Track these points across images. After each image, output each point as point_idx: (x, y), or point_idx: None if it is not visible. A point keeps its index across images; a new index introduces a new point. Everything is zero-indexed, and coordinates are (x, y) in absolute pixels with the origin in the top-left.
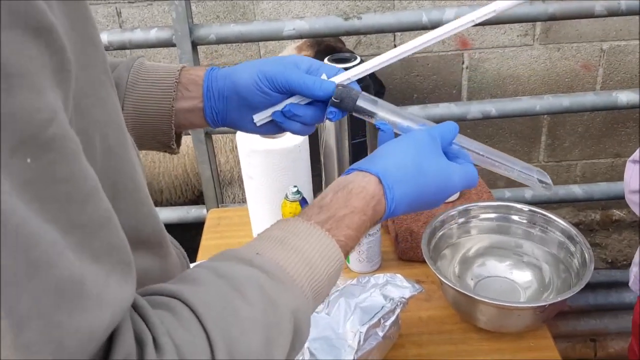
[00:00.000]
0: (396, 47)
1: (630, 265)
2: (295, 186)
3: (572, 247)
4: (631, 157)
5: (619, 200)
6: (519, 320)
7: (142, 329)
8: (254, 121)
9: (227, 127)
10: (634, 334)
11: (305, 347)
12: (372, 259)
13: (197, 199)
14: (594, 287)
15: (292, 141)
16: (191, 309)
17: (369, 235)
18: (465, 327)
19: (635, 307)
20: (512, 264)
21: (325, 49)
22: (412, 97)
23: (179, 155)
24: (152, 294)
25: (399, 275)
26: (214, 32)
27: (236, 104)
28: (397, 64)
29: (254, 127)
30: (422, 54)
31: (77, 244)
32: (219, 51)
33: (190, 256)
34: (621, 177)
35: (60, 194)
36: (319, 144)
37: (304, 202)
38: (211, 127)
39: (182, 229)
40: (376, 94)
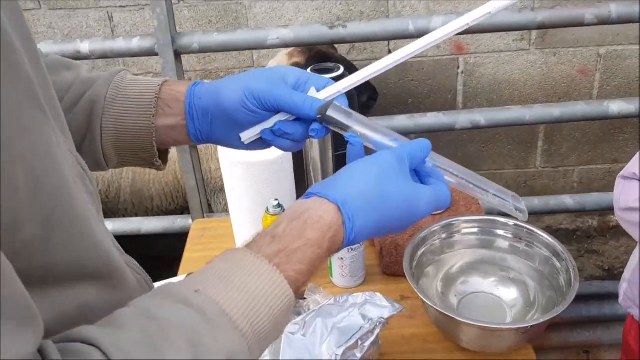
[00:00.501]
0: (390, 52)
1: None
2: (276, 199)
3: (557, 264)
4: (621, 172)
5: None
6: (501, 340)
7: None
8: (242, 140)
9: (211, 144)
10: (624, 350)
11: None
12: (355, 274)
13: (189, 206)
14: (587, 298)
15: (274, 153)
16: (107, 357)
17: (352, 249)
18: (449, 346)
19: (625, 323)
20: (497, 280)
21: (316, 54)
22: (407, 102)
23: (170, 162)
24: (68, 340)
25: (379, 294)
26: (196, 41)
27: (221, 121)
28: (391, 68)
29: (241, 144)
30: (417, 58)
31: None
32: (211, 56)
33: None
34: None
35: None
36: (303, 155)
37: None
38: (195, 144)
39: (175, 237)
40: (369, 100)
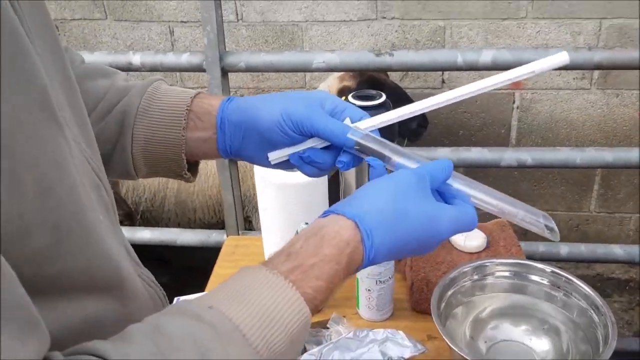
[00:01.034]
0: (444, 82)
1: None
2: (306, 223)
3: (596, 318)
4: None
5: None
6: None
7: None
8: (269, 159)
9: (240, 159)
10: None
11: None
12: (382, 307)
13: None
14: (634, 355)
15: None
16: None
17: (381, 282)
18: None
19: None
20: (529, 329)
21: (367, 79)
22: (457, 134)
23: (214, 175)
24: (76, 353)
25: (401, 332)
26: (244, 60)
27: (253, 139)
28: None
29: (267, 162)
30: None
31: None
32: (265, 75)
33: None
34: None
35: None
36: (339, 181)
37: None
38: (223, 158)
39: (214, 250)
40: (418, 127)
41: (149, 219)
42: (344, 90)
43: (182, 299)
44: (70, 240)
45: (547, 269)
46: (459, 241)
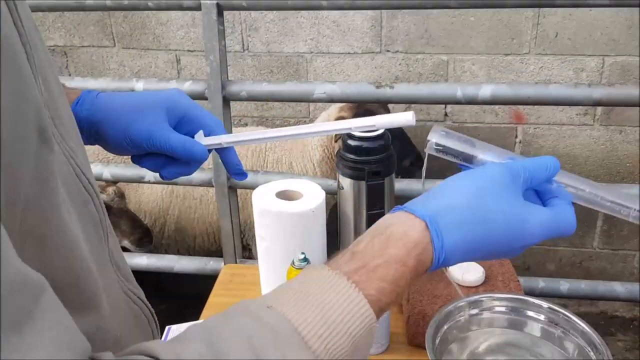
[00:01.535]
0: (446, 114)
1: None
2: (303, 253)
3: (594, 357)
4: None
5: None
6: None
7: None
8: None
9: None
10: None
11: None
12: (378, 340)
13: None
14: None
15: (307, 205)
16: None
17: None
18: None
19: None
20: None
21: (364, 112)
22: (459, 168)
23: (215, 203)
24: (131, 353)
25: None
26: (245, 89)
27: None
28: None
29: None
30: (473, 124)
31: None
32: (269, 104)
33: None
34: None
35: None
36: (337, 212)
37: None
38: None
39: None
40: (411, 165)
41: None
42: (339, 119)
43: (174, 327)
44: (52, 257)
45: (544, 305)
46: (457, 275)
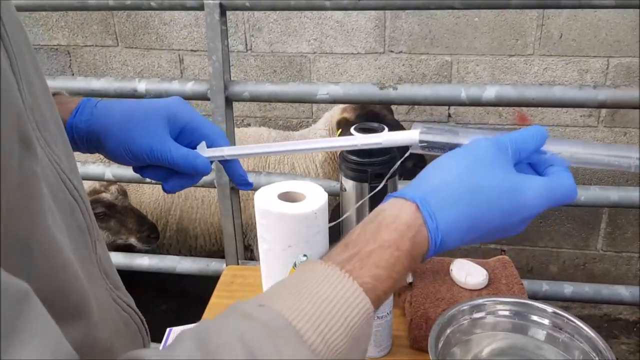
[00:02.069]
0: (450, 116)
1: None
2: (305, 255)
3: None
4: None
5: None
6: None
7: None
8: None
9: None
10: None
11: None
12: (380, 344)
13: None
14: None
15: (309, 206)
16: None
17: (378, 317)
18: None
19: None
20: None
21: (367, 113)
22: None
23: (216, 203)
24: None
25: None
26: (248, 90)
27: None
28: None
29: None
30: (476, 125)
31: None
32: (272, 104)
33: None
34: None
35: None
36: (340, 214)
37: None
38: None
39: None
40: (414, 166)
41: None
42: (342, 121)
43: (175, 329)
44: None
45: (549, 309)
46: (460, 278)
